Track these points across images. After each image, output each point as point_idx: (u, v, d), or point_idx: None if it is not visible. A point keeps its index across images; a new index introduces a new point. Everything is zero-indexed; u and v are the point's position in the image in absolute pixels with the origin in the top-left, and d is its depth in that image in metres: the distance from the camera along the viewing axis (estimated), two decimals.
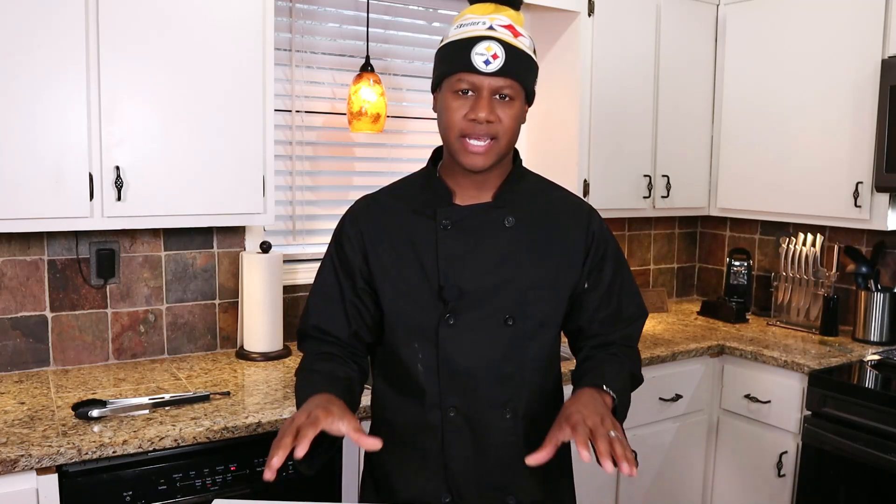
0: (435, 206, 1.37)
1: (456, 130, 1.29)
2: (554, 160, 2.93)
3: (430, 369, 1.35)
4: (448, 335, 1.33)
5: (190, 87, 2.05)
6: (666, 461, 2.74)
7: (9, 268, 2.16)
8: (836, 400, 2.37)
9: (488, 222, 1.36)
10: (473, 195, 1.38)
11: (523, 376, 1.37)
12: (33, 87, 1.85)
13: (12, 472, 1.59)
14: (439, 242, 1.34)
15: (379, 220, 1.40)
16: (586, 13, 2.80)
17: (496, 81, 1.27)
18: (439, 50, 1.34)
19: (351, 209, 1.46)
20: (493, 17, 1.29)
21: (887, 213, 2.59)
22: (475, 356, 1.34)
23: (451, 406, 1.35)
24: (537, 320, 1.37)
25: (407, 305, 1.36)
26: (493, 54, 1.26)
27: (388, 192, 1.48)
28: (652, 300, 3.33)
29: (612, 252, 1.44)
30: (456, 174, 1.37)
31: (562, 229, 1.40)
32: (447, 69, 1.30)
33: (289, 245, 2.66)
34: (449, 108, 1.30)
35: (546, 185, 1.48)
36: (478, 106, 1.27)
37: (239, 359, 2.39)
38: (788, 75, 2.87)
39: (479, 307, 1.34)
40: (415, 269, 1.35)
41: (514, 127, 1.32)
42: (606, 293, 1.43)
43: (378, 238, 1.39)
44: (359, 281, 1.40)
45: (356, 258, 1.40)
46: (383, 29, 2.75)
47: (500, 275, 1.34)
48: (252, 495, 1.84)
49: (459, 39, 1.29)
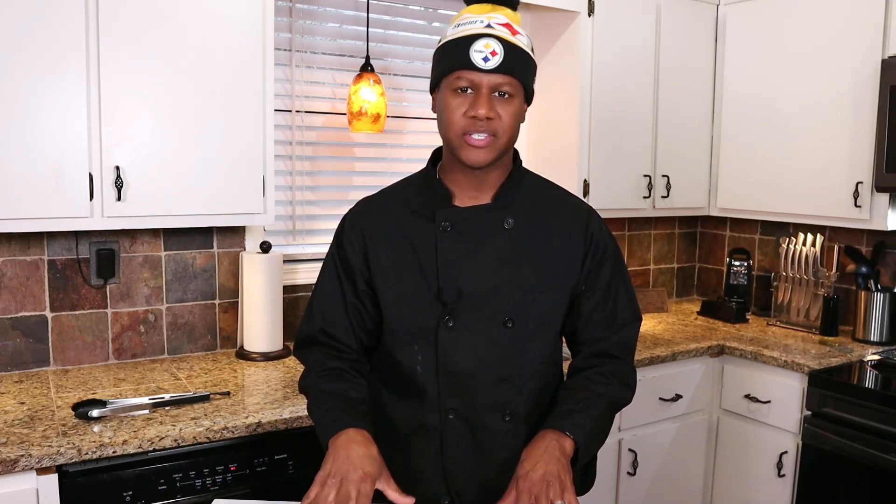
0: (434, 207, 1.37)
1: (456, 128, 1.29)
2: (554, 160, 2.93)
3: (430, 371, 1.35)
4: (447, 337, 1.33)
5: (190, 87, 2.05)
6: (666, 461, 2.74)
7: (9, 268, 2.16)
8: (836, 400, 2.37)
9: (488, 224, 1.35)
10: (473, 196, 1.37)
11: (522, 378, 1.36)
12: (33, 87, 1.85)
13: (12, 472, 1.59)
14: (438, 244, 1.34)
15: (379, 222, 1.40)
16: (586, 13, 2.80)
17: (495, 78, 1.27)
18: (437, 50, 1.34)
19: (351, 211, 1.46)
20: (491, 16, 1.29)
21: (887, 213, 2.59)
22: (474, 358, 1.33)
23: (451, 408, 1.35)
24: (537, 322, 1.36)
25: (406, 307, 1.36)
26: (491, 51, 1.26)
27: (387, 194, 1.47)
28: (652, 300, 3.33)
29: (610, 254, 1.43)
30: (456, 175, 1.37)
31: (561, 230, 1.40)
32: (446, 68, 1.30)
33: (289, 245, 2.66)
34: (448, 107, 1.30)
35: (546, 185, 1.47)
36: (477, 103, 1.27)
37: (239, 359, 2.39)
38: (788, 75, 2.87)
39: (479, 309, 1.33)
40: (414, 271, 1.35)
41: (514, 124, 1.31)
42: (603, 295, 1.41)
43: (378, 239, 1.39)
44: (360, 283, 1.39)
45: (357, 259, 1.39)
46: (383, 29, 2.75)
47: (500, 276, 1.34)
48: (252, 495, 1.84)
49: (457, 38, 1.29)
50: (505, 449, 1.36)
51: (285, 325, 2.49)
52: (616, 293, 1.43)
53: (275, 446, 1.88)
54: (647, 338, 2.82)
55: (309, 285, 2.64)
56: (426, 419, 1.36)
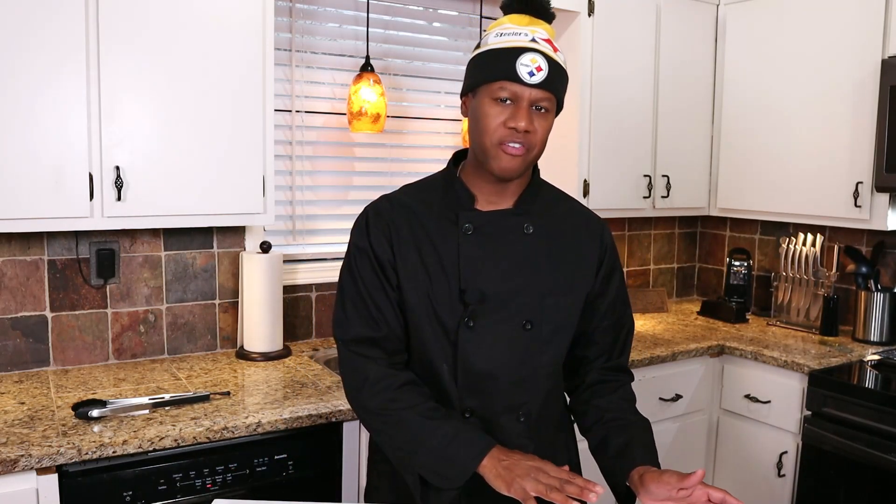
0: (457, 209, 1.38)
1: (493, 137, 1.30)
2: (554, 160, 2.91)
3: (450, 372, 1.36)
4: (467, 338, 1.34)
5: (190, 87, 2.05)
6: (666, 461, 2.70)
7: (9, 268, 2.16)
8: (836, 400, 2.37)
9: (509, 228, 1.38)
10: (494, 201, 1.39)
11: (537, 380, 1.39)
12: (33, 87, 1.85)
13: (12, 472, 1.59)
14: (461, 246, 1.35)
15: (403, 220, 1.39)
16: (586, 13, 2.80)
17: (537, 94, 1.28)
18: (478, 56, 1.34)
19: (373, 206, 1.43)
20: (534, 30, 1.30)
21: (887, 213, 2.59)
22: (493, 360, 1.35)
23: (468, 408, 1.36)
24: (554, 325, 1.39)
25: (430, 308, 1.35)
26: (537, 66, 1.27)
27: (408, 194, 1.45)
28: (652, 300, 3.33)
29: (618, 265, 1.50)
30: (478, 180, 1.38)
31: (577, 239, 1.44)
32: (489, 75, 1.30)
33: (289, 245, 2.66)
34: (487, 115, 1.30)
35: (561, 195, 1.51)
36: (518, 115, 1.28)
37: (239, 359, 2.39)
38: (788, 75, 2.87)
39: (499, 311, 1.35)
40: (436, 272, 1.35)
41: (546, 139, 1.34)
42: (612, 303, 1.47)
43: (403, 237, 1.37)
44: (392, 276, 1.37)
45: (386, 253, 1.37)
46: (383, 29, 2.75)
47: (520, 280, 1.36)
48: (252, 495, 1.84)
49: (503, 48, 1.29)
50: (518, 448, 1.36)
51: (285, 325, 2.49)
52: (623, 302, 1.51)
53: (275, 446, 1.88)
54: (647, 338, 2.82)
55: (309, 285, 2.64)
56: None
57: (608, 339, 1.48)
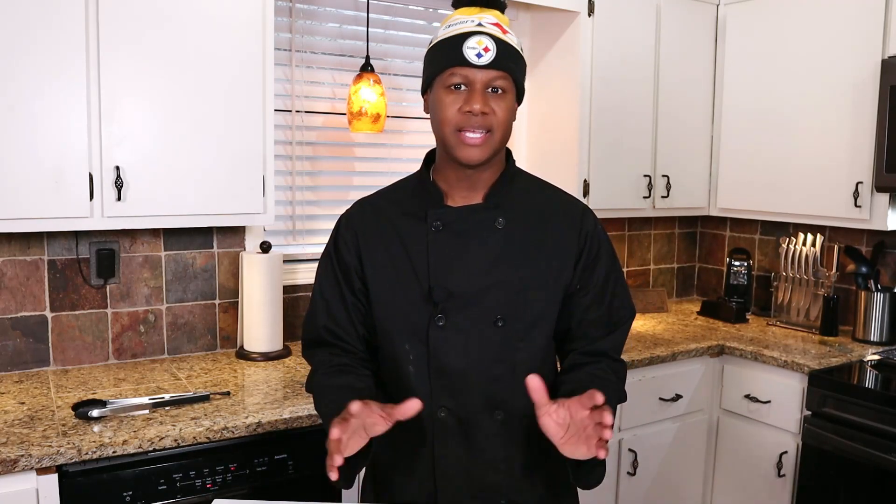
0: (427, 207, 1.37)
1: (451, 125, 1.29)
2: (554, 160, 2.93)
3: (421, 370, 1.35)
4: (438, 336, 1.34)
5: (190, 87, 2.05)
6: (666, 461, 2.74)
7: (9, 268, 2.16)
8: (836, 400, 2.37)
9: (479, 224, 1.36)
10: (466, 196, 1.38)
11: (515, 377, 1.35)
12: (33, 87, 1.85)
13: (12, 472, 1.59)
14: (430, 244, 1.35)
15: (372, 222, 1.41)
16: (586, 13, 2.80)
17: (488, 74, 1.28)
18: (429, 51, 1.35)
19: (346, 212, 1.48)
20: (481, 16, 1.31)
21: (887, 213, 2.59)
22: (466, 357, 1.34)
23: (442, 406, 1.35)
24: (529, 321, 1.36)
25: (398, 307, 1.37)
26: (484, 47, 1.28)
27: (382, 195, 1.49)
28: (652, 300, 3.33)
29: (605, 252, 1.43)
30: (448, 175, 1.38)
31: (554, 229, 1.39)
32: (439, 66, 1.31)
33: (289, 245, 2.66)
34: (442, 103, 1.30)
35: (539, 184, 1.47)
36: (472, 98, 1.28)
37: (239, 359, 2.39)
38: (788, 75, 2.87)
39: (469, 308, 1.33)
40: (406, 271, 1.36)
41: (508, 120, 1.32)
42: (598, 295, 1.41)
43: (371, 239, 1.40)
44: (356, 282, 1.41)
45: (352, 260, 1.41)
46: (383, 29, 2.75)
47: (491, 276, 1.34)
48: (252, 495, 1.84)
49: (449, 37, 1.30)
50: (496, 447, 1.36)
51: (285, 325, 2.49)
52: (612, 292, 1.42)
53: (275, 446, 1.88)
54: (647, 338, 2.82)
55: (309, 285, 2.64)
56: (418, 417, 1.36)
57: (595, 334, 1.41)
